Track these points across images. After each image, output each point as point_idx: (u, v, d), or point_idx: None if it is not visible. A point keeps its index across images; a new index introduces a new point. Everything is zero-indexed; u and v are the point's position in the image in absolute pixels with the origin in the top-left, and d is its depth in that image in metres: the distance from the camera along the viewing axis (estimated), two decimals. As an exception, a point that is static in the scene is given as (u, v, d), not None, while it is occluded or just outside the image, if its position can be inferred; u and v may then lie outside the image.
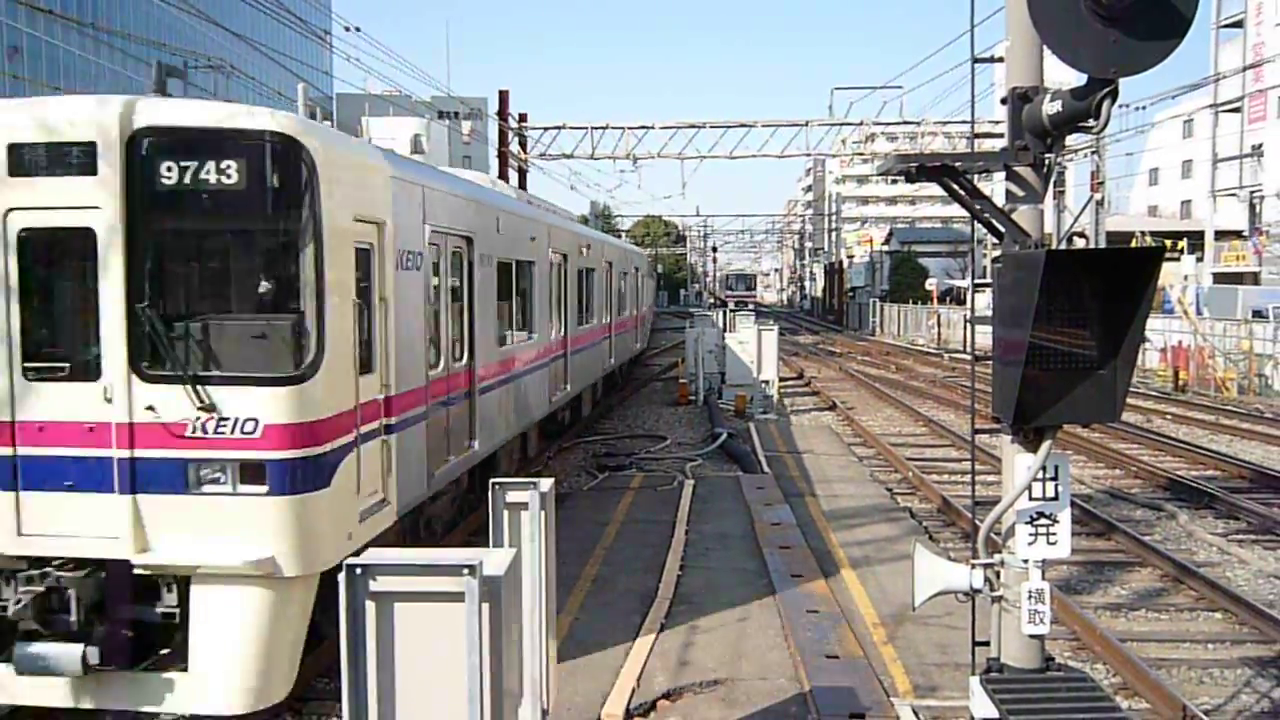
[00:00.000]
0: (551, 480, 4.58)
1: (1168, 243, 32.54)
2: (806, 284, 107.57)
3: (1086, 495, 13.48)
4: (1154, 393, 25.46)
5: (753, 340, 22.22)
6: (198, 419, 5.90)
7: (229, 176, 5.91)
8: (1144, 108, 33.54)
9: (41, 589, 5.83)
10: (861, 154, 45.25)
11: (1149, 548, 10.57)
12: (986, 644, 4.31)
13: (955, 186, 4.07)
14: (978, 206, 4.12)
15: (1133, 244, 30.57)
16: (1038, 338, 3.71)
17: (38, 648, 5.72)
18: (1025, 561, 4.11)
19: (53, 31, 43.27)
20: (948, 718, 6.35)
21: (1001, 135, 4.34)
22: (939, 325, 46.92)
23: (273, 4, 22.59)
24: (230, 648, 5.83)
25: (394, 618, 2.93)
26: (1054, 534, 4.11)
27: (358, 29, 25.83)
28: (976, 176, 4.19)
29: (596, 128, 38.08)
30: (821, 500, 12.54)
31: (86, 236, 5.91)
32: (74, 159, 5.92)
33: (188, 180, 5.91)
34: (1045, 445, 3.97)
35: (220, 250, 6.42)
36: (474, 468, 9.80)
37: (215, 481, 5.92)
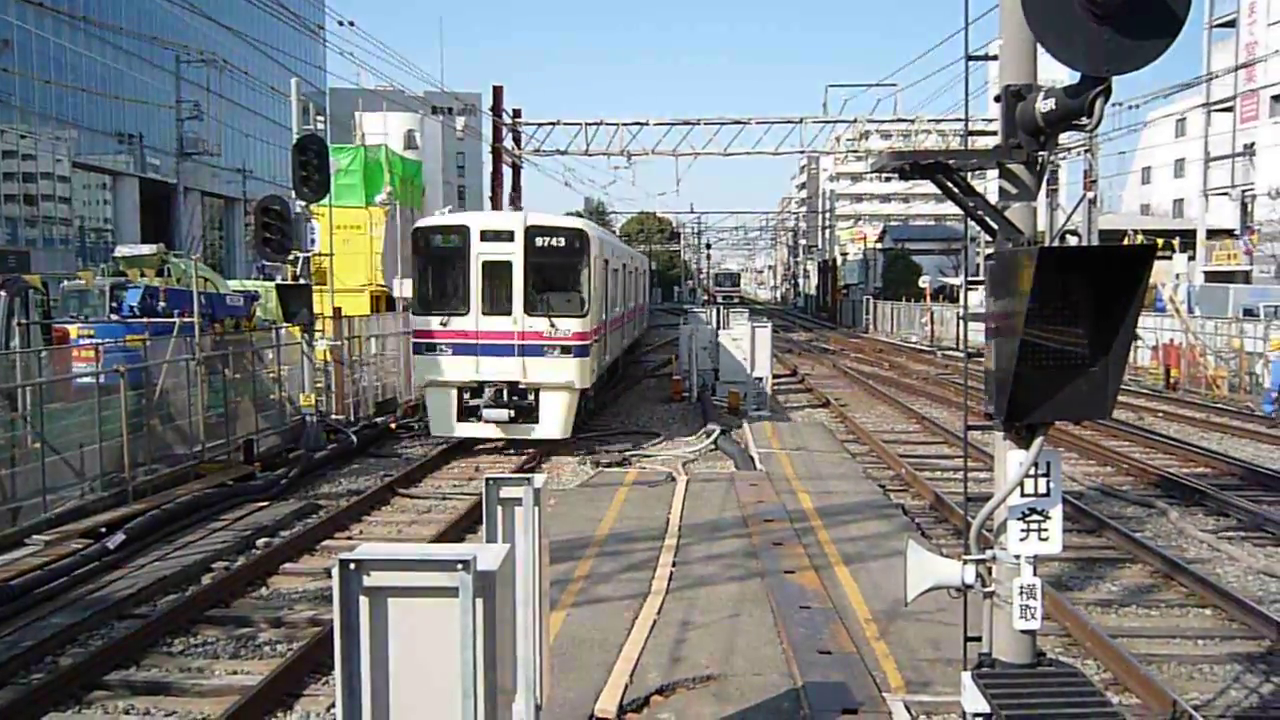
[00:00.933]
0: (545, 477, 4.59)
1: (1160, 241, 32.66)
2: (800, 281, 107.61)
3: (1078, 492, 13.54)
4: (1145, 390, 25.55)
5: (746, 337, 22.24)
6: (549, 329, 15.77)
7: (561, 242, 16.08)
8: (1137, 106, 33.65)
9: (491, 392, 15.76)
10: (855, 151, 45.26)
11: (1140, 544, 10.62)
12: (978, 639, 4.33)
13: (949, 184, 4.08)
14: (971, 204, 4.12)
15: (1125, 242, 30.61)
16: (1030, 335, 3.72)
17: (491, 413, 15.64)
18: (1017, 557, 4.12)
19: (44, 25, 42.99)
20: (940, 713, 6.37)
21: (995, 133, 4.34)
22: (932, 323, 47.00)
23: (266, -2, 22.49)
24: (555, 414, 15.81)
25: (388, 613, 2.93)
26: (1045, 530, 4.12)
27: (351, 23, 25.80)
28: (970, 174, 4.20)
29: (591, 124, 38.05)
30: (814, 497, 12.56)
31: (509, 264, 15.86)
32: (505, 236, 16.00)
33: (546, 244, 15.98)
34: (1037, 442, 3.99)
35: (558, 268, 16.23)
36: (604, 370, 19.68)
37: (553, 351, 15.72)
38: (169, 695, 7.20)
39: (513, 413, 15.67)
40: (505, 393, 15.74)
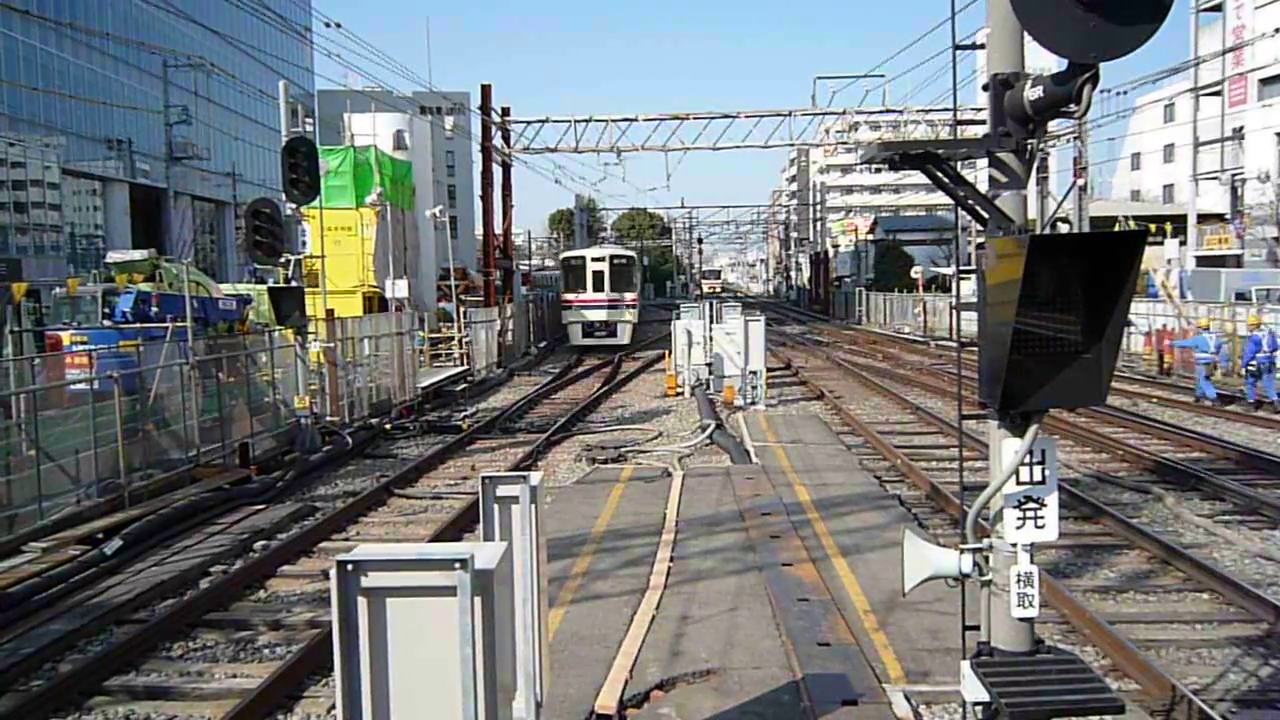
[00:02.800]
0: (540, 474, 4.59)
1: (1151, 226, 32.67)
2: (792, 274, 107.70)
3: (1073, 479, 13.57)
4: (1139, 376, 25.63)
5: (739, 331, 22.26)
6: (619, 298, 39.03)
7: (624, 261, 40.58)
8: (1125, 92, 33.77)
9: (596, 325, 39.38)
10: (845, 143, 45.16)
11: (1136, 530, 10.66)
12: (976, 628, 4.33)
13: (939, 174, 4.08)
14: (961, 193, 4.12)
15: (1116, 228, 30.70)
16: (1023, 323, 3.73)
17: (596, 334, 39.25)
18: (1013, 545, 4.13)
19: (30, 32, 42.76)
20: (940, 702, 6.39)
21: (983, 122, 4.34)
22: (924, 313, 47.07)
23: (253, 1, 22.42)
24: (623, 335, 39.27)
25: (386, 613, 2.92)
26: (1042, 518, 4.13)
27: (338, 25, 25.75)
28: (959, 163, 4.20)
29: (580, 120, 38.00)
30: (811, 489, 12.58)
31: (603, 270, 39.09)
32: (601, 259, 39.78)
33: (617, 261, 40.07)
34: (1032, 429, 3.99)
35: (623, 271, 39.87)
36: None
37: (621, 306, 39.08)
38: (169, 700, 7.19)
39: (602, 334, 38.01)
40: (600, 327, 38.27)
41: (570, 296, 39.12)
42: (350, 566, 2.89)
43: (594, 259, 39.34)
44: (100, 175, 49.70)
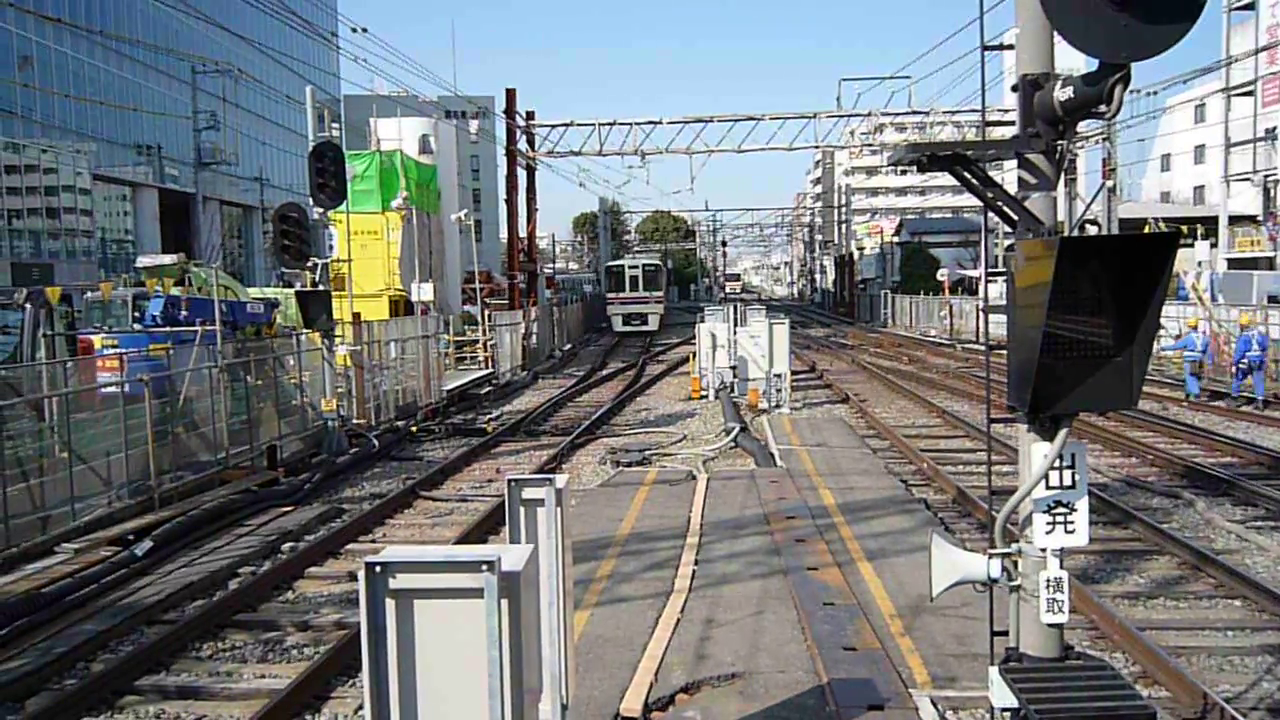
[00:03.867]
0: (566, 477, 4.60)
1: (1182, 229, 32.27)
2: (817, 277, 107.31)
3: (1103, 484, 13.42)
4: (1169, 380, 25.30)
5: (764, 334, 22.20)
6: (650, 294, 53.24)
7: (654, 267, 56.10)
8: (1156, 93, 33.37)
9: (632, 315, 53.53)
10: (870, 145, 44.95)
11: (1167, 536, 10.52)
12: (1005, 634, 4.30)
13: (967, 175, 4.06)
14: (990, 195, 4.10)
15: (1145, 230, 30.34)
16: (1053, 326, 3.70)
17: (632, 322, 52.87)
18: (1043, 550, 4.10)
19: (62, 41, 43.43)
20: (967, 708, 6.34)
21: (1011, 123, 4.31)
22: (951, 316, 46.71)
23: (279, 7, 22.65)
24: (652, 323, 53.59)
25: (414, 615, 2.94)
26: (1072, 522, 4.09)
27: (364, 30, 25.87)
28: (987, 165, 4.18)
29: (604, 124, 38.09)
30: (836, 493, 12.52)
31: (639, 275, 53.00)
32: (636, 266, 54.36)
33: (649, 267, 55.02)
34: (1062, 433, 3.96)
35: (653, 275, 53.70)
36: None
37: (651, 302, 53.03)
38: (199, 699, 7.27)
39: (637, 323, 51.28)
40: (635, 317, 51.73)
41: (613, 295, 54.55)
42: (379, 568, 2.91)
43: (630, 267, 54.82)
44: (130, 180, 50.38)
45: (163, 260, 24.45)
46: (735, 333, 23.13)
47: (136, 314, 19.78)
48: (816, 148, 43.33)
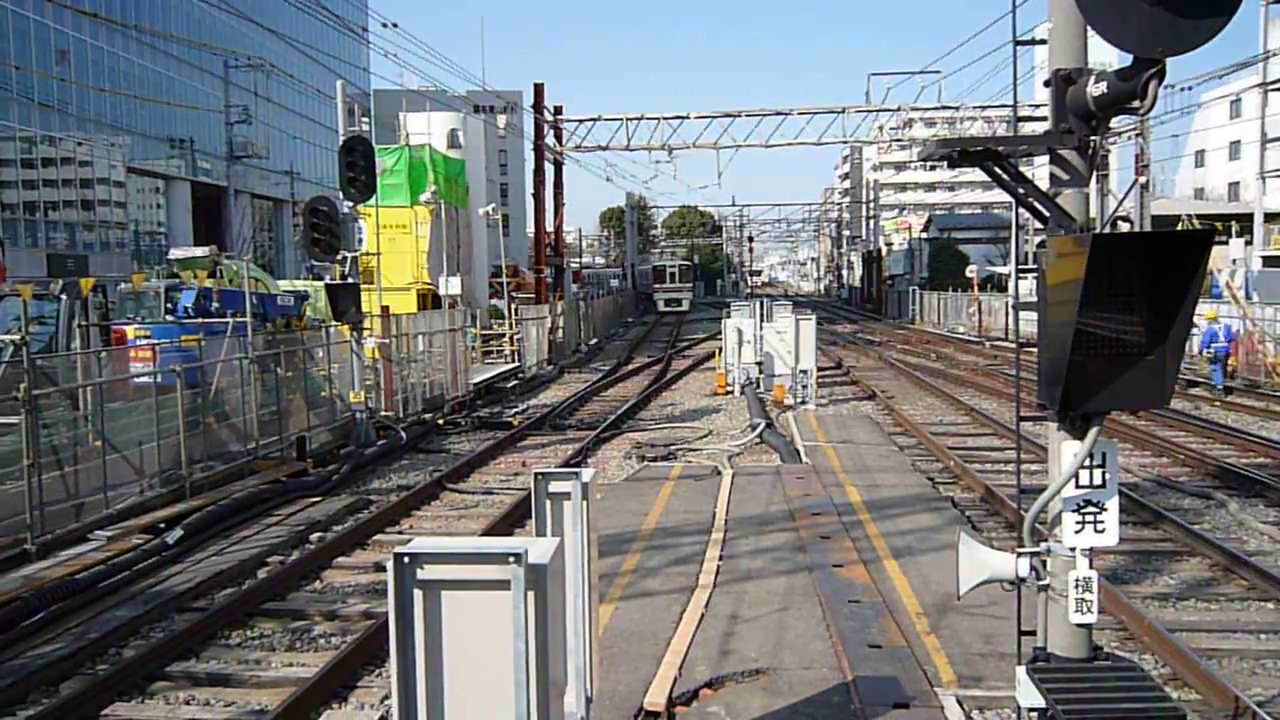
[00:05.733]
0: (593, 471, 4.61)
1: (1216, 226, 31.80)
2: (844, 273, 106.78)
3: (1133, 483, 13.27)
4: (1202, 379, 24.95)
5: (790, 330, 22.13)
6: (685, 284, 78.52)
7: (687, 265, 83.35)
8: (1190, 88, 32.90)
9: (671, 299, 77.28)
10: (899, 140, 44.73)
11: (1198, 536, 10.39)
12: (1032, 633, 4.27)
13: (999, 171, 4.03)
14: (1022, 191, 4.07)
15: (1179, 227, 29.91)
16: (1084, 323, 3.66)
17: (670, 305, 76.12)
18: (1072, 550, 4.06)
19: (98, 35, 43.99)
20: (994, 708, 6.30)
21: (1042, 119, 4.27)
22: (980, 313, 46.33)
23: (311, 3, 22.81)
24: (686, 304, 77.00)
25: (441, 606, 2.96)
26: (1102, 522, 4.06)
27: (395, 25, 26.03)
28: (1019, 161, 4.14)
29: (631, 119, 38.10)
30: (862, 490, 12.47)
31: (677, 270, 78.50)
32: (675, 264, 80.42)
33: (683, 264, 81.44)
34: (1093, 432, 3.92)
35: (685, 270, 79.59)
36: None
37: (684, 290, 78.45)
38: (228, 686, 7.37)
39: (675, 305, 73.91)
40: (673, 300, 74.87)
41: (658, 285, 77.30)
42: (407, 559, 2.94)
43: (669, 265, 78.83)
44: (163, 173, 51.02)
45: (195, 253, 24.77)
46: (761, 329, 23.07)
47: (169, 305, 20.05)
48: (844, 143, 43.08)
